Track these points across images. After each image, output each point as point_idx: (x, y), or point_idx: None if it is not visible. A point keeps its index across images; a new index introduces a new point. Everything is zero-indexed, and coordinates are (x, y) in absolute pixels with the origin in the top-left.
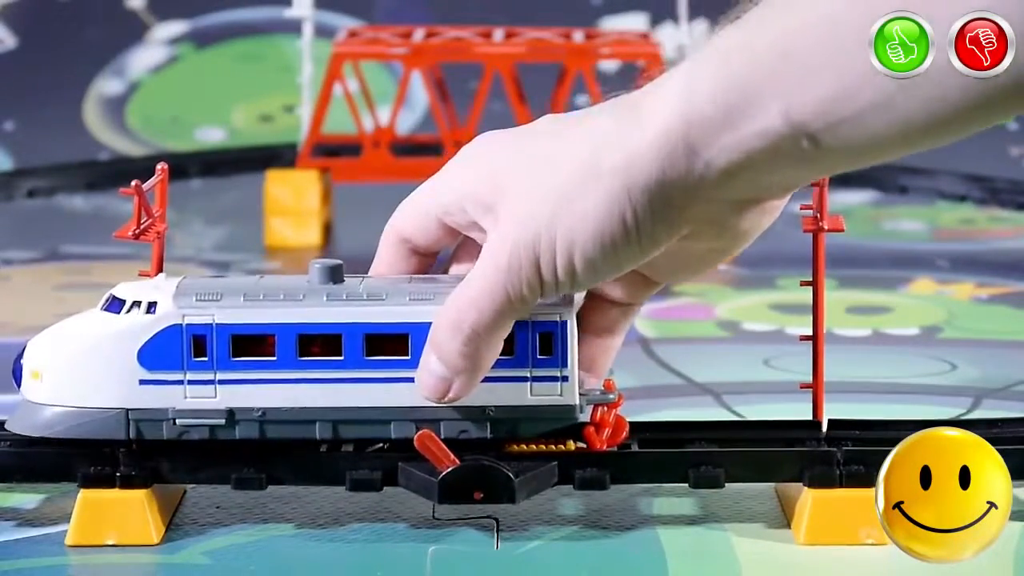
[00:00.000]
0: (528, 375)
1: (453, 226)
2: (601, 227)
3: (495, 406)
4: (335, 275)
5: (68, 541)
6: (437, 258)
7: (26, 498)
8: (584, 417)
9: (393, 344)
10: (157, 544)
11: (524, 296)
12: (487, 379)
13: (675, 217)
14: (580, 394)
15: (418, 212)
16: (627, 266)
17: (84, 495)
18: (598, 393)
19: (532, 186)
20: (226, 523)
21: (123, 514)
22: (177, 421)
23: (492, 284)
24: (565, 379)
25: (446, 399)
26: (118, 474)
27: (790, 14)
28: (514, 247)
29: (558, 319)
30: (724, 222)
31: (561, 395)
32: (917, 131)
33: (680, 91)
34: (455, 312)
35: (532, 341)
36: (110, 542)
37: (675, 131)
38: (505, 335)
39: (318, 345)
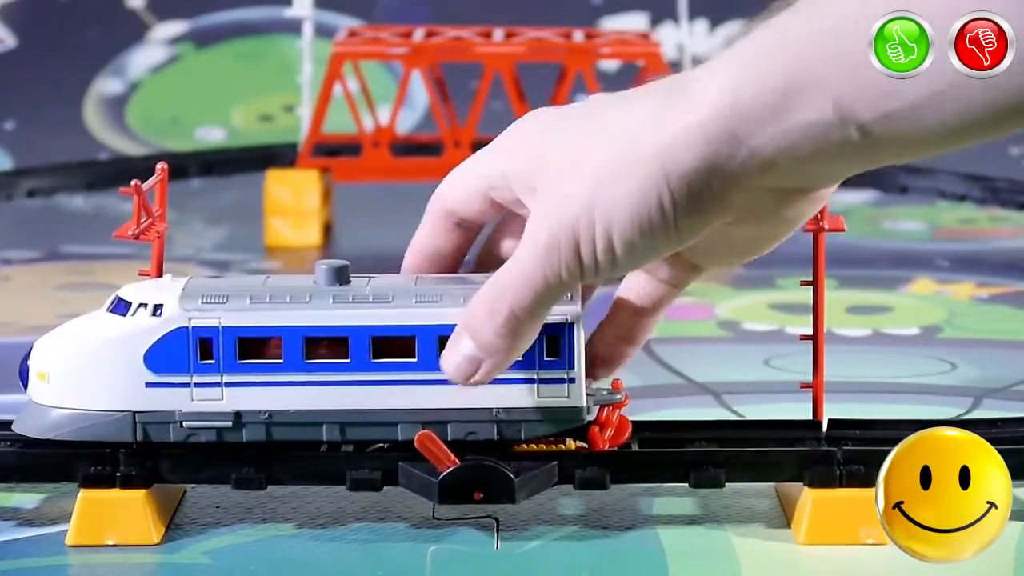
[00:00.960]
0: (535, 377)
1: (499, 201)
2: (639, 211)
3: (502, 408)
4: (341, 276)
5: (68, 541)
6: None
7: (26, 498)
8: (592, 418)
9: (400, 346)
10: (157, 544)
11: (563, 279)
12: (494, 381)
13: (713, 205)
14: (587, 395)
15: (465, 184)
16: (666, 251)
17: (84, 495)
18: (605, 393)
19: (572, 166)
20: (226, 523)
21: (123, 514)
22: (184, 424)
23: (531, 266)
24: (572, 381)
25: (472, 381)
26: (118, 474)
27: (844, 3)
28: (552, 229)
29: (565, 321)
30: (766, 210)
31: (568, 397)
32: (971, 125)
33: (728, 78)
34: (494, 293)
35: (539, 343)
36: (110, 542)
37: (720, 118)
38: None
39: (325, 347)
